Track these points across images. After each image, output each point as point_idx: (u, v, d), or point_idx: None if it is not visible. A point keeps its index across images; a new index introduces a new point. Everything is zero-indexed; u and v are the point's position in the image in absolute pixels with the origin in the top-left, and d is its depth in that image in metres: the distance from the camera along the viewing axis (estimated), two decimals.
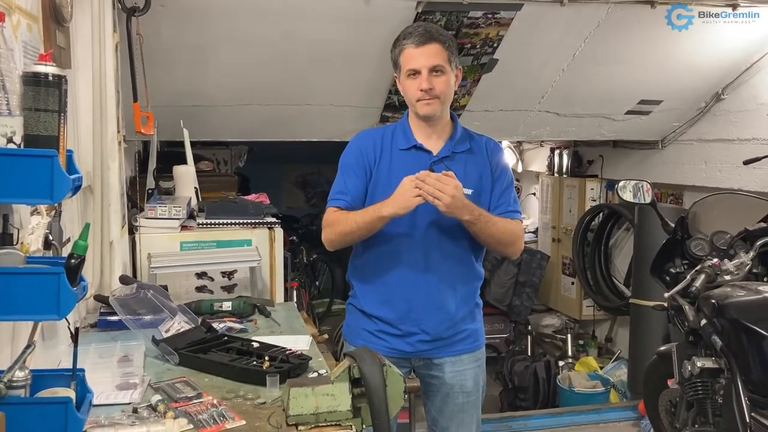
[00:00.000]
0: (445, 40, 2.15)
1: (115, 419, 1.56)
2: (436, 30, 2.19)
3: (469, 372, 2.29)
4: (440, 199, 2.01)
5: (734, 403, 2.29)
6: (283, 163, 7.77)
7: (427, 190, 2.01)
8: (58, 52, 1.97)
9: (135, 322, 2.21)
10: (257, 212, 3.17)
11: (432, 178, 2.01)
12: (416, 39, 2.12)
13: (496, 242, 2.21)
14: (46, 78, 1.29)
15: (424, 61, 2.11)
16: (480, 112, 4.07)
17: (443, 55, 2.13)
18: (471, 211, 2.09)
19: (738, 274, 2.68)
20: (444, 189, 2.01)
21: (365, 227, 2.13)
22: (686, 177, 4.49)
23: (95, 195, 2.51)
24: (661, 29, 3.54)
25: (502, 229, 2.20)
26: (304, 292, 5.53)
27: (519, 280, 5.60)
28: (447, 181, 2.02)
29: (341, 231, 2.19)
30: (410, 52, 2.14)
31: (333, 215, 2.22)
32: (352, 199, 2.20)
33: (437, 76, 2.13)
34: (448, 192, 2.01)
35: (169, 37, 3.17)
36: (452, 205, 2.03)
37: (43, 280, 1.20)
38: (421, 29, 2.16)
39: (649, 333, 4.24)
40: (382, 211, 2.07)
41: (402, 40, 2.17)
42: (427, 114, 2.18)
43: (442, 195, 2.00)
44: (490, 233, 2.17)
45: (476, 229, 2.15)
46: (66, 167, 1.35)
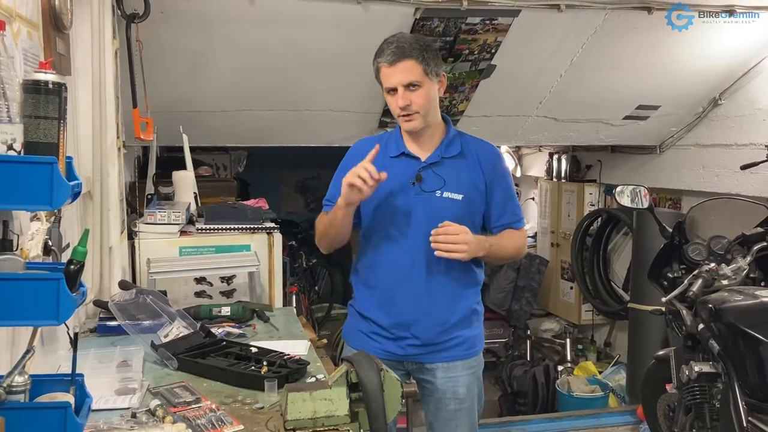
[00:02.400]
0: (418, 54, 2.10)
1: (114, 424, 1.57)
2: (409, 45, 2.12)
3: (462, 379, 2.27)
4: (458, 251, 2.07)
5: (731, 408, 2.30)
6: (282, 168, 7.78)
7: (443, 248, 2.07)
8: (58, 59, 1.98)
9: (134, 327, 2.22)
10: (256, 217, 3.17)
11: (441, 234, 2.06)
12: (388, 57, 2.11)
13: (506, 261, 2.25)
14: (46, 86, 1.30)
15: (398, 78, 2.11)
16: (478, 117, 4.09)
17: (417, 70, 2.10)
18: (483, 247, 2.15)
19: (735, 279, 2.69)
20: (457, 240, 2.06)
21: (332, 221, 2.20)
22: (684, 182, 4.50)
23: (95, 201, 2.52)
24: (658, 34, 3.55)
25: (510, 249, 2.27)
26: (303, 297, 5.53)
27: (518, 284, 5.61)
28: (456, 231, 2.07)
29: (321, 231, 2.27)
30: (385, 72, 2.14)
31: (318, 219, 2.30)
32: None
33: (413, 91, 2.12)
34: (460, 240, 2.06)
35: (168, 44, 3.19)
36: (470, 252, 2.09)
37: (43, 286, 1.20)
38: (393, 46, 2.12)
39: (648, 337, 4.25)
40: (339, 202, 2.13)
41: (377, 58, 2.16)
42: (408, 129, 2.21)
43: (459, 246, 2.06)
44: (500, 257, 2.23)
45: (489, 259, 2.23)
46: (65, 174, 1.36)
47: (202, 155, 4.77)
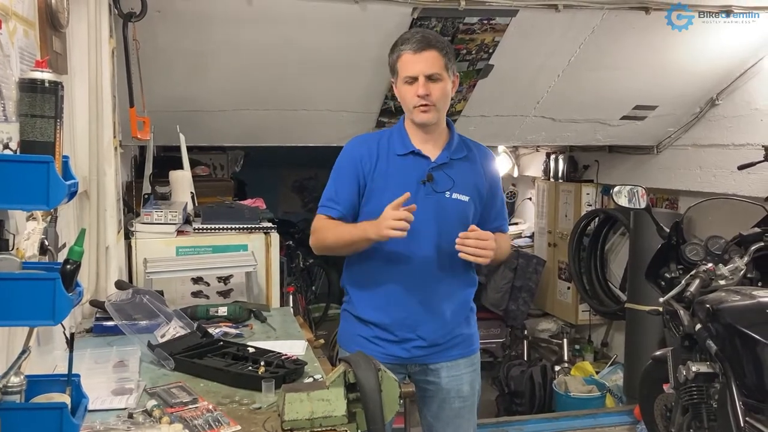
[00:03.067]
0: (442, 47, 2.15)
1: (111, 424, 1.57)
2: (434, 37, 2.19)
3: (466, 377, 2.29)
4: (483, 256, 2.07)
5: (729, 408, 2.30)
6: (279, 168, 7.77)
7: (469, 252, 2.06)
8: (55, 57, 1.98)
9: (131, 327, 2.21)
10: (253, 217, 3.17)
11: (471, 238, 2.06)
12: (414, 45, 2.12)
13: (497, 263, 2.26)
14: (42, 84, 1.29)
15: (421, 67, 2.11)
16: (476, 117, 4.09)
17: (440, 63, 2.13)
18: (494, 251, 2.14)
19: (733, 279, 2.69)
20: (486, 246, 2.06)
21: (351, 245, 2.16)
22: (681, 182, 4.50)
23: (91, 200, 2.51)
24: (656, 34, 3.55)
25: (503, 251, 2.30)
26: (300, 297, 5.53)
27: (515, 284, 5.61)
28: (485, 237, 2.07)
29: (327, 243, 2.21)
30: (407, 58, 2.13)
31: (322, 223, 2.22)
32: (344, 208, 2.20)
33: (434, 83, 2.13)
34: (488, 247, 2.07)
35: (165, 43, 3.18)
36: (492, 258, 2.09)
37: (39, 286, 1.20)
38: (419, 35, 2.15)
39: (645, 338, 4.25)
40: (369, 234, 2.08)
41: (400, 45, 2.16)
42: (423, 122, 2.18)
43: (485, 252, 2.06)
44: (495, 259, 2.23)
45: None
46: (62, 173, 1.35)
47: (199, 155, 4.75)
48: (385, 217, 2.03)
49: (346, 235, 2.15)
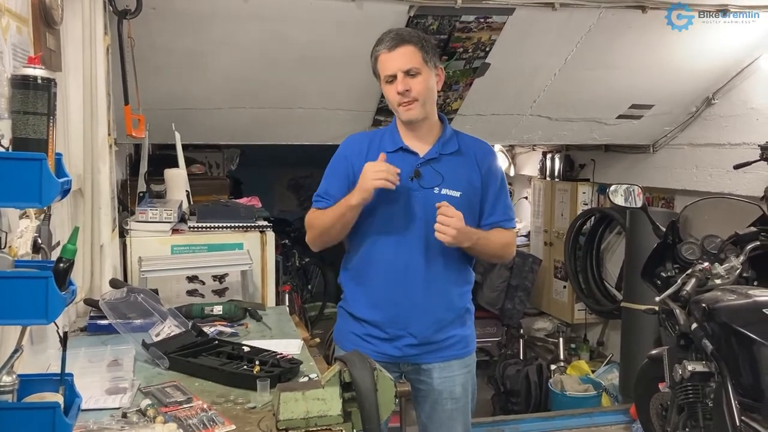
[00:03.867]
0: (418, 41, 2.14)
1: (104, 424, 1.55)
2: (408, 33, 2.19)
3: (458, 378, 2.27)
4: (445, 233, 2.04)
5: (724, 407, 2.30)
6: (275, 167, 7.75)
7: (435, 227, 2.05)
8: (48, 54, 1.96)
9: (125, 326, 2.20)
10: (249, 216, 3.16)
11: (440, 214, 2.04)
12: (388, 44, 2.13)
13: (489, 257, 2.26)
14: (35, 81, 1.28)
15: (398, 64, 2.12)
16: (472, 115, 4.08)
17: (417, 57, 2.12)
18: (470, 238, 2.12)
19: (728, 278, 2.69)
20: (449, 222, 2.04)
21: (339, 220, 2.15)
22: (677, 181, 4.51)
23: (85, 198, 2.50)
24: (652, 33, 3.56)
25: (496, 245, 2.24)
26: (296, 296, 5.52)
27: (511, 283, 5.61)
28: (451, 214, 2.05)
29: (320, 228, 2.22)
30: (384, 58, 2.14)
31: (312, 215, 2.25)
32: (333, 202, 2.20)
33: (413, 78, 2.12)
34: (453, 225, 2.04)
35: (160, 40, 3.16)
36: (457, 237, 2.06)
37: (31, 284, 1.19)
38: (392, 34, 2.16)
39: (641, 337, 4.25)
40: (351, 201, 2.10)
41: (376, 47, 2.17)
42: (408, 119, 2.17)
43: (448, 229, 2.04)
44: (484, 252, 2.21)
45: (473, 251, 2.20)
46: (55, 170, 1.34)
47: (194, 153, 4.74)
48: (366, 171, 2.06)
49: (332, 212, 2.16)
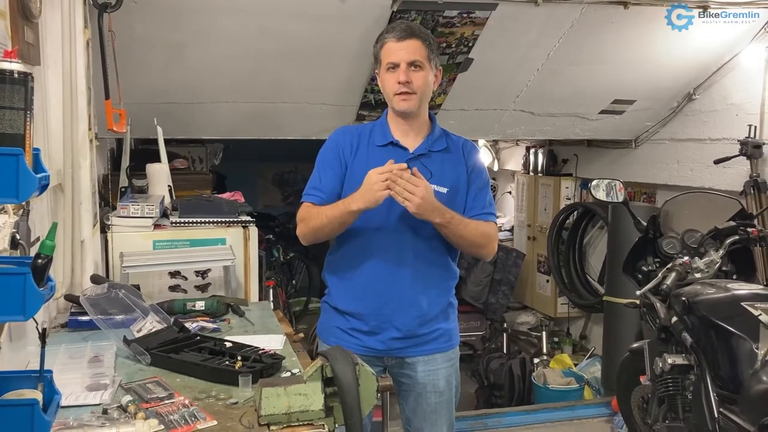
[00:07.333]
0: (426, 38, 2.19)
1: (84, 421, 1.54)
2: (419, 28, 2.23)
3: (442, 371, 2.29)
4: (410, 200, 2.02)
5: (703, 399, 2.33)
6: (259, 161, 7.72)
7: (397, 191, 2.02)
8: (26, 48, 1.94)
9: (106, 322, 2.18)
10: (231, 211, 3.14)
11: (403, 179, 2.02)
12: (397, 33, 2.16)
13: (468, 244, 2.23)
14: (11, 75, 1.26)
15: (403, 55, 2.14)
16: (455, 111, 4.09)
17: (423, 52, 2.16)
18: (442, 214, 2.10)
19: (708, 272, 2.73)
20: (414, 191, 2.02)
21: (336, 222, 2.14)
22: (659, 176, 4.54)
23: (66, 193, 2.47)
24: (634, 29, 3.58)
25: (474, 232, 2.20)
26: (280, 291, 5.51)
27: (495, 278, 5.64)
28: (417, 182, 2.03)
29: (313, 226, 2.19)
30: (390, 46, 2.16)
31: (306, 210, 2.23)
32: (327, 196, 2.21)
33: (415, 71, 2.15)
34: (418, 194, 2.02)
35: (141, 34, 3.14)
36: (422, 207, 2.04)
37: (9, 281, 1.17)
38: (403, 25, 2.22)
39: (623, 330, 4.29)
40: (351, 206, 2.08)
41: (384, 34, 2.21)
42: (403, 110, 2.19)
43: (412, 197, 2.02)
44: (461, 235, 2.17)
45: (447, 231, 2.16)
46: (32, 166, 1.32)
47: (177, 148, 4.69)
48: (371, 180, 2.03)
49: (329, 213, 2.14)
